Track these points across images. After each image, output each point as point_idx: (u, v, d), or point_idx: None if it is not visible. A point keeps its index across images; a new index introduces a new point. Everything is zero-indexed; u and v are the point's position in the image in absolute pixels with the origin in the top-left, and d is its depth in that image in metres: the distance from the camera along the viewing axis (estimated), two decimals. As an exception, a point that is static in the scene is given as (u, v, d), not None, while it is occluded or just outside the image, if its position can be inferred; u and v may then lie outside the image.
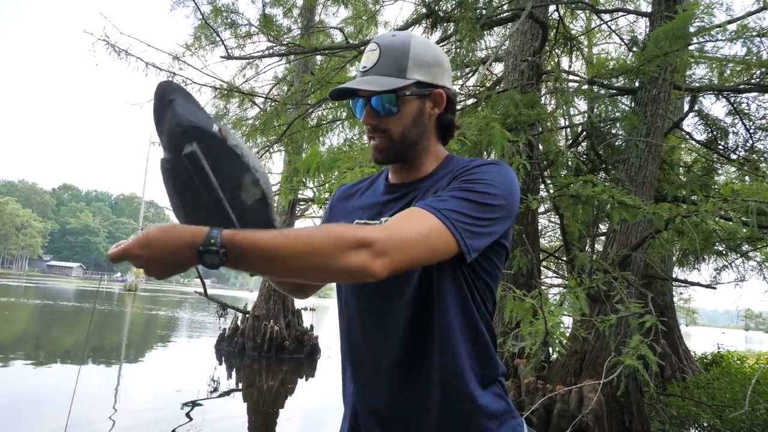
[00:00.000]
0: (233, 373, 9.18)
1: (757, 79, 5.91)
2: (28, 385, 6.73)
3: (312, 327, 11.55)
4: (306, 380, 9.10)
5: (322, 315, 29.17)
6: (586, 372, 4.73)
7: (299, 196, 9.85)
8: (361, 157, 4.07)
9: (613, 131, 6.08)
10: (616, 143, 6.09)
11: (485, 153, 4.54)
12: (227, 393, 7.34)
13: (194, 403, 6.38)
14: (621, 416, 4.70)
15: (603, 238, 6.29)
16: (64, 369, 8.10)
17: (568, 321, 5.29)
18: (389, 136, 1.01)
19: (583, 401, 4.50)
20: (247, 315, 11.15)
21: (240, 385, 8.16)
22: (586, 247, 6.47)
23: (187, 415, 5.80)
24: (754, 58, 5.69)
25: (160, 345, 12.03)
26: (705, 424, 5.80)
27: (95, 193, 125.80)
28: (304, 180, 5.92)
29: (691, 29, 4.21)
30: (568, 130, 7.08)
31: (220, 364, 9.83)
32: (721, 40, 4.95)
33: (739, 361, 9.77)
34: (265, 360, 10.24)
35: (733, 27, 5.21)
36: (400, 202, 1.04)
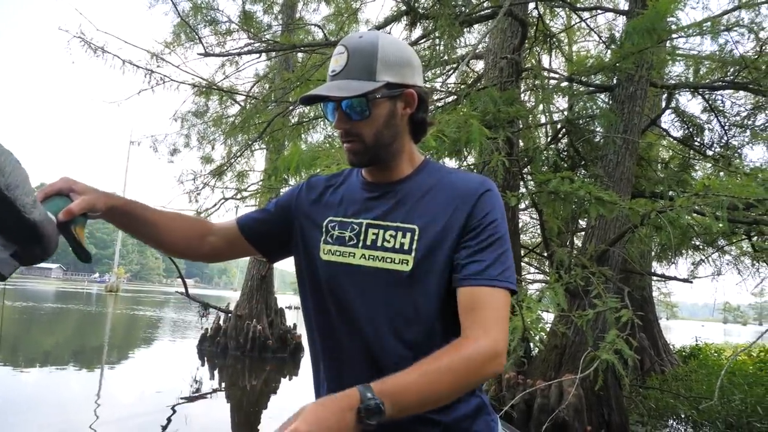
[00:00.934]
0: (216, 373, 9.10)
1: (732, 77, 6.01)
2: (6, 389, 6.60)
3: (295, 326, 11.49)
4: (290, 379, 9.07)
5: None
6: (565, 366, 4.78)
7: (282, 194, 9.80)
8: (339, 154, 4.06)
9: (592, 128, 6.15)
10: (595, 140, 6.16)
11: (464, 150, 4.57)
12: (210, 393, 7.28)
13: (176, 405, 6.31)
14: (600, 410, 4.76)
15: (582, 233, 6.36)
16: (44, 372, 7.96)
17: (548, 316, 5.35)
18: (362, 140, 1.00)
19: (563, 395, 4.55)
20: (230, 314, 11.07)
21: (223, 385, 8.09)
22: (566, 243, 6.54)
23: (169, 417, 5.75)
24: (728, 55, 5.80)
25: (142, 346, 11.89)
26: (682, 416, 5.90)
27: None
28: (285, 177, 5.90)
29: (664, 25, 4.26)
30: (548, 126, 7.14)
31: (203, 364, 9.74)
32: (692, 35, 5.03)
33: (716, 354, 9.97)
34: (248, 359, 10.17)
35: (707, 25, 5.30)
36: (380, 202, 1.04)
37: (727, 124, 6.71)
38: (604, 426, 4.71)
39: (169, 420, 5.64)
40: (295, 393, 7.83)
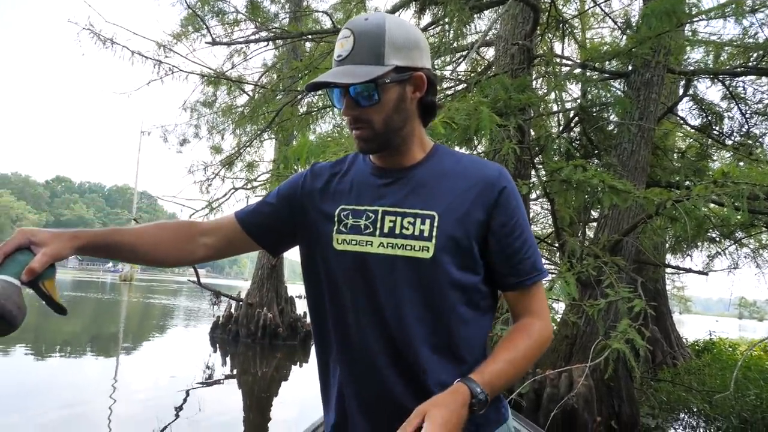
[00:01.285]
0: (228, 360, 9.19)
1: (754, 62, 5.83)
2: (25, 374, 6.70)
3: (305, 314, 11.54)
4: (300, 366, 9.12)
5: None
6: (576, 357, 4.73)
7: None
8: (348, 143, 4.02)
9: (606, 116, 6.03)
10: (609, 128, 6.05)
11: (474, 138, 4.50)
12: (222, 380, 7.35)
13: (189, 389, 6.38)
14: (610, 401, 4.70)
15: (595, 224, 6.27)
16: (64, 357, 8.08)
17: (559, 307, 5.27)
18: (371, 126, 0.98)
19: (572, 386, 4.50)
20: (241, 303, 11.15)
21: (234, 372, 8.17)
22: (578, 233, 6.45)
23: (183, 401, 5.80)
24: (751, 39, 5.62)
25: (156, 333, 12.06)
26: (694, 410, 5.82)
27: (88, 184, 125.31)
28: (295, 168, 5.88)
29: (684, 8, 4.14)
30: (560, 115, 7.02)
31: (215, 351, 9.84)
32: (714, 17, 4.87)
33: (730, 348, 9.79)
34: (259, 347, 10.26)
35: (730, 7, 5.14)
36: (394, 188, 1.02)
37: (749, 111, 6.52)
38: (614, 417, 4.66)
39: (183, 403, 5.71)
40: (306, 380, 7.87)
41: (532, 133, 6.07)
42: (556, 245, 5.94)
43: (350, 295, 1.00)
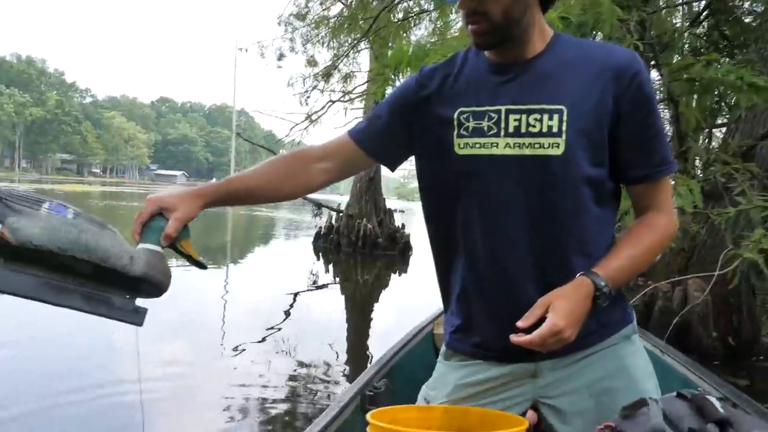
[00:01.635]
0: (330, 268, 9.78)
1: None
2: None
3: (404, 225, 11.85)
4: (399, 276, 9.52)
5: (410, 217, 29.79)
6: (692, 270, 4.51)
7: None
8: (455, 43, 3.85)
9: (745, 5, 5.28)
10: (748, 20, 5.30)
11: (591, 35, 4.14)
12: (326, 286, 7.88)
13: (296, 294, 6.91)
14: (729, 316, 4.50)
15: (719, 132, 5.71)
16: (176, 267, 9.00)
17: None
18: (489, 18, 0.89)
19: (687, 300, 4.34)
20: (341, 214, 11.64)
21: (337, 279, 8.71)
22: (701, 141, 5.91)
23: (291, 304, 6.33)
24: None
25: (263, 241, 12.99)
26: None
27: (190, 104, 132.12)
28: (393, 77, 5.79)
29: None
30: (686, 7, 6.23)
31: (318, 259, 10.49)
32: None
33: None
34: (360, 256, 10.78)
35: None
36: (516, 83, 0.95)
37: None
38: (731, 334, 4.47)
39: (291, 306, 6.23)
40: (405, 288, 8.23)
41: (652, 32, 5.48)
42: (676, 154, 5.50)
43: (477, 201, 0.97)
